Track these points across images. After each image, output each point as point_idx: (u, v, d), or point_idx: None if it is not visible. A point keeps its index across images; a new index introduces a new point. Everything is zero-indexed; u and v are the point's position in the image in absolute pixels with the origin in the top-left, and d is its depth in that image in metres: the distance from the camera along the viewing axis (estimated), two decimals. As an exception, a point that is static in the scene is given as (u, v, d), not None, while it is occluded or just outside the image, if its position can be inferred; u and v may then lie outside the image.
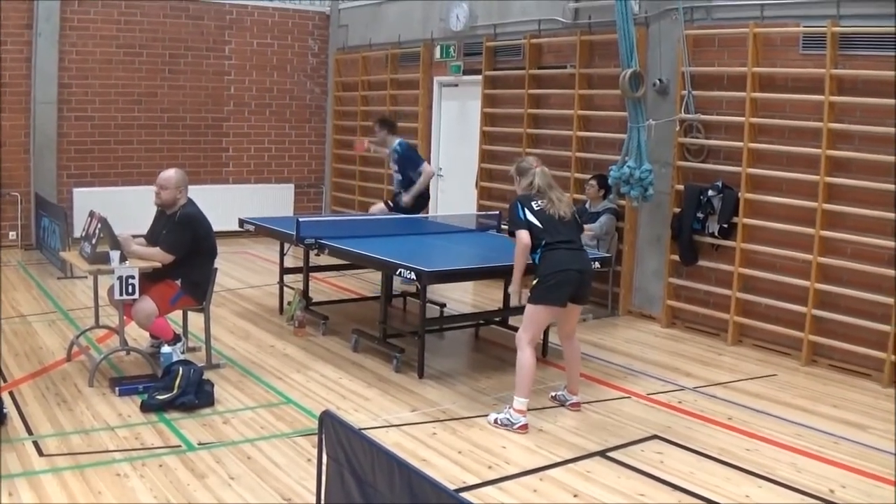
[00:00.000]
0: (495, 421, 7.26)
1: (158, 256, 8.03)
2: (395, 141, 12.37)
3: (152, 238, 8.35)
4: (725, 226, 10.02)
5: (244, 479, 5.96)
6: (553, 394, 8.00)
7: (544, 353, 9.28)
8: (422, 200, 12.44)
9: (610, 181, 10.83)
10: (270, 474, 6.07)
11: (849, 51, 8.95)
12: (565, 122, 12.04)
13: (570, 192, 11.82)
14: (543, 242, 7.37)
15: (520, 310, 9.02)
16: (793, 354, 9.45)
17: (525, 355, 7.26)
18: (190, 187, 8.43)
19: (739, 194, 9.86)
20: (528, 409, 7.30)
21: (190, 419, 7.07)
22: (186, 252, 8.09)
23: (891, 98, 8.54)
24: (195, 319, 8.90)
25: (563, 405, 7.78)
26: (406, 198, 12.16)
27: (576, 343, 7.82)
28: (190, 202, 8.33)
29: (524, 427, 7.14)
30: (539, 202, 7.47)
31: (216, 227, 8.53)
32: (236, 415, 7.26)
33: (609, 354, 9.53)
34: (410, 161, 12.31)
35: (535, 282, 7.37)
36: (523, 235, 7.35)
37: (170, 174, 8.25)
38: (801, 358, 9.30)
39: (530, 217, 7.40)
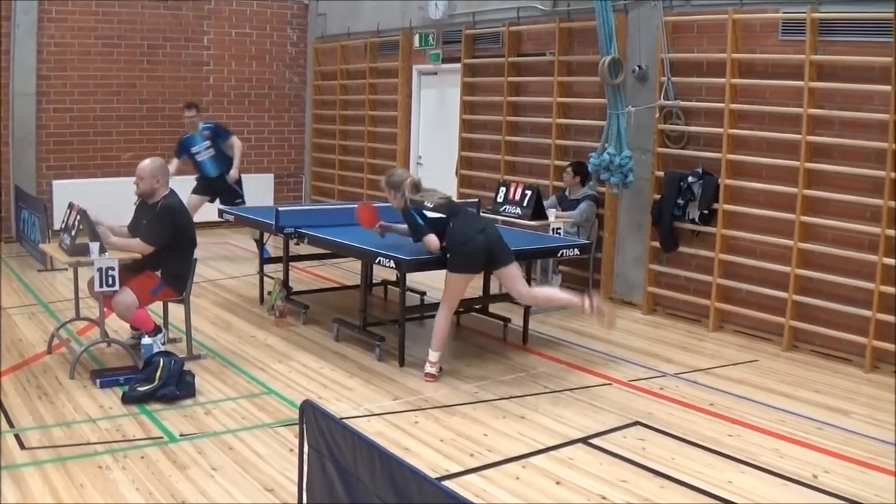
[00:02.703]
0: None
1: (138, 248, 8.00)
2: (199, 122, 13.52)
3: (134, 228, 8.33)
4: (706, 212, 10.03)
5: (226, 470, 5.94)
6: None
7: (524, 340, 9.30)
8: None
9: (590, 168, 10.83)
10: (252, 465, 6.05)
11: (828, 36, 8.96)
12: (545, 109, 12.04)
13: (550, 180, 11.85)
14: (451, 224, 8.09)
15: (501, 297, 9.08)
16: (774, 340, 9.48)
17: (439, 316, 8.19)
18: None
19: (720, 180, 9.87)
20: (512, 397, 7.57)
21: (171, 410, 7.05)
22: (166, 243, 8.05)
23: (870, 84, 8.56)
24: (175, 310, 8.87)
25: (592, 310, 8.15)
26: (234, 171, 13.33)
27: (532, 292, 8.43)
28: (171, 193, 8.30)
29: (430, 376, 8.06)
30: (425, 202, 8.18)
31: (196, 218, 8.51)
32: (218, 405, 7.24)
33: (590, 341, 9.54)
34: (224, 133, 13.58)
35: (448, 256, 8.11)
36: (432, 238, 8.10)
37: (145, 164, 8.20)
38: (782, 343, 9.33)
39: (431, 214, 8.13)
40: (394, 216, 8.69)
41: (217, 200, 13.21)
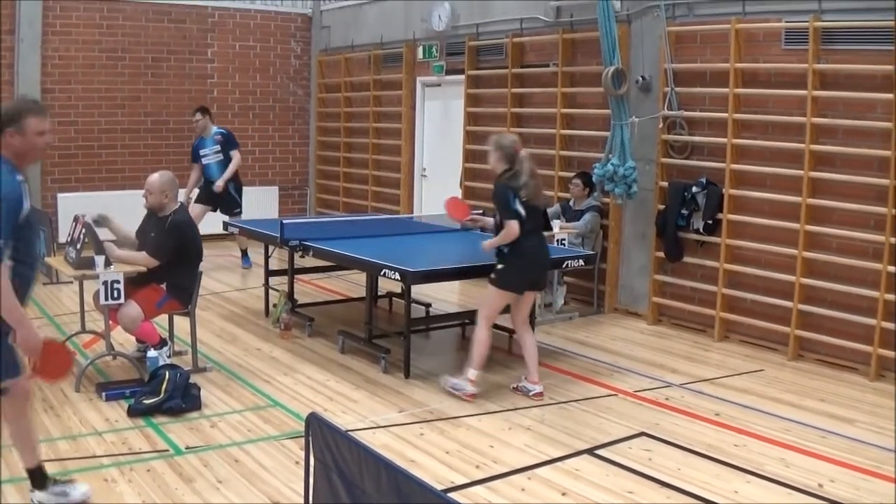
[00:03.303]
0: (450, 385, 7.93)
1: (143, 261, 8.02)
2: (213, 126, 13.67)
3: (141, 235, 8.35)
4: (710, 222, 10.04)
5: (232, 483, 5.95)
6: (514, 385, 8.15)
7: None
8: (237, 185, 13.73)
9: (594, 179, 10.85)
10: (258, 477, 6.06)
11: (831, 45, 8.98)
12: (549, 120, 12.05)
13: (555, 191, 11.85)
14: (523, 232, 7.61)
15: (505, 308, 9.05)
16: (779, 349, 9.47)
17: (480, 333, 7.83)
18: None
19: (724, 190, 9.88)
20: (517, 408, 7.58)
21: (177, 423, 7.05)
22: (172, 257, 8.07)
23: (873, 92, 8.57)
24: (181, 323, 8.88)
25: (526, 395, 7.95)
26: (220, 182, 13.37)
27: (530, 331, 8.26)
28: (181, 208, 8.35)
29: (472, 396, 7.76)
30: (524, 191, 7.59)
31: (201, 231, 8.53)
32: (223, 418, 7.24)
33: (595, 352, 9.54)
34: (233, 143, 13.67)
35: (500, 267, 7.72)
36: (515, 227, 7.53)
37: (153, 178, 8.25)
38: (787, 353, 9.32)
39: (519, 207, 7.56)
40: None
41: (217, 210, 13.33)
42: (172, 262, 8.08)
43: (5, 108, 5.12)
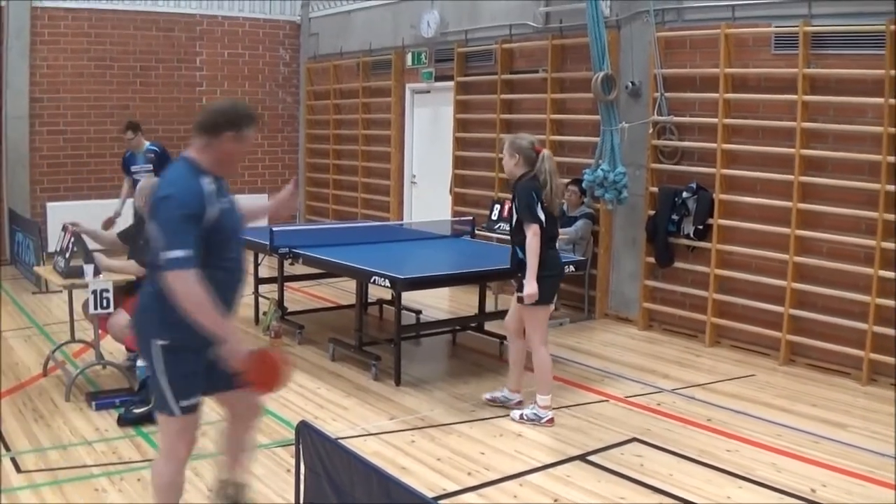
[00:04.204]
0: (521, 416, 7.45)
1: (133, 269, 7.98)
2: (145, 142, 12.83)
3: (124, 238, 8.30)
4: (700, 227, 10.03)
5: (223, 492, 5.92)
6: (489, 396, 7.98)
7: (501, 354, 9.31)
8: None
9: (584, 185, 10.83)
10: (249, 486, 6.02)
11: (821, 50, 8.98)
12: (538, 126, 12.00)
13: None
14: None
15: (496, 315, 9.03)
16: (771, 354, 9.46)
17: (541, 355, 7.43)
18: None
19: (714, 195, 9.87)
20: (502, 415, 7.59)
21: (167, 432, 7.02)
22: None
23: (864, 96, 8.58)
24: (171, 332, 8.83)
25: (504, 405, 7.82)
26: None
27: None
28: None
29: (551, 421, 7.39)
30: (544, 196, 7.25)
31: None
32: (214, 426, 7.19)
33: (586, 358, 9.52)
34: (166, 160, 12.71)
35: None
36: (538, 230, 7.19)
37: (143, 183, 8.28)
38: (779, 358, 9.31)
39: (540, 213, 7.23)
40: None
41: None
42: (162, 270, 8.04)
43: (226, 110, 4.73)
